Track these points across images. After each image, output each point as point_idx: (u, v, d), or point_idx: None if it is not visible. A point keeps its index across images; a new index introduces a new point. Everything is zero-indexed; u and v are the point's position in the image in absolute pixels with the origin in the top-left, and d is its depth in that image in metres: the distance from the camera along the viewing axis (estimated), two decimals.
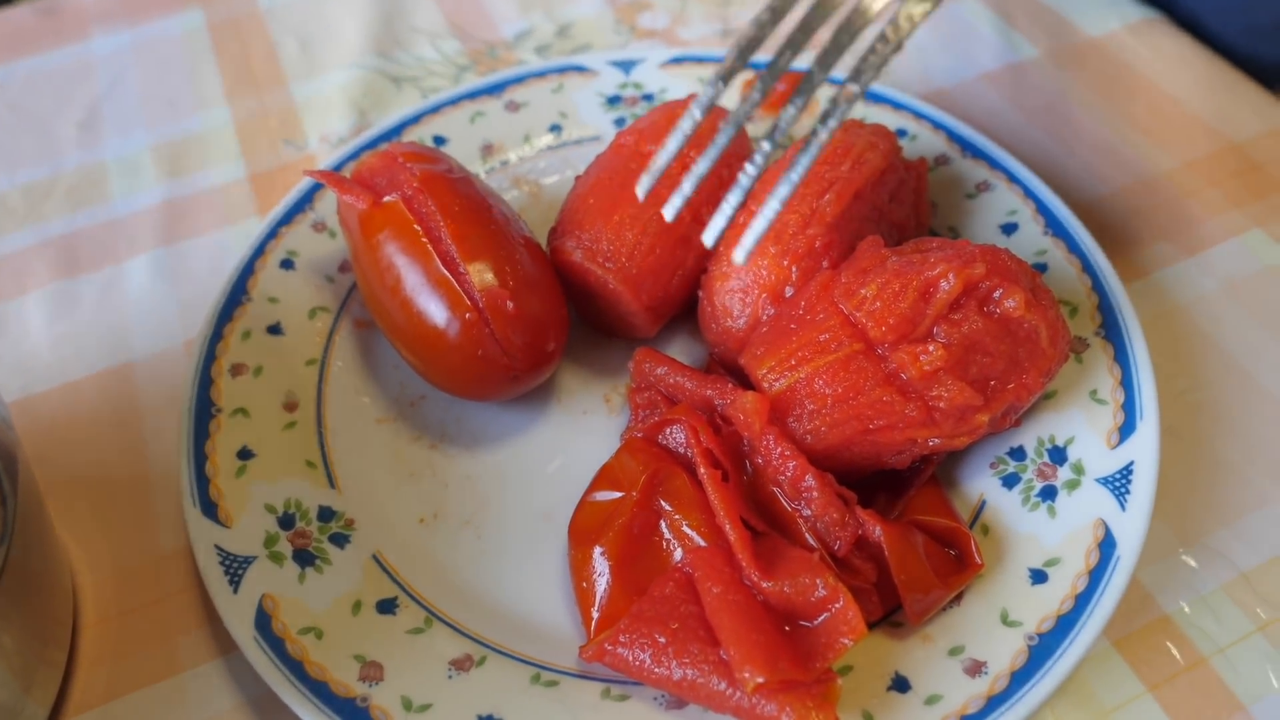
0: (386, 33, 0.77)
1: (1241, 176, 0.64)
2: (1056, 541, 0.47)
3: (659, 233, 0.52)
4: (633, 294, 0.52)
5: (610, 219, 0.53)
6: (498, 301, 0.49)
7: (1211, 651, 0.47)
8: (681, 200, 0.42)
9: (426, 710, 0.43)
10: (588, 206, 0.54)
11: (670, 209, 0.42)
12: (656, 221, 0.53)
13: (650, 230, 0.52)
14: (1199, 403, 0.54)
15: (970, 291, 0.47)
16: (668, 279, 0.53)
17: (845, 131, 0.55)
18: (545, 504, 0.52)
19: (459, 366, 0.50)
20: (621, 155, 0.56)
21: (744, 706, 0.41)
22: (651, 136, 0.56)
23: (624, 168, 0.55)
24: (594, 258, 0.52)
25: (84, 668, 0.48)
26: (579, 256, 0.53)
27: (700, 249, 0.54)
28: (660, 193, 0.52)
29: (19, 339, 0.60)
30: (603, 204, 0.53)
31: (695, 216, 0.53)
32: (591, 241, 0.52)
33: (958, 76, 0.72)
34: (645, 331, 0.55)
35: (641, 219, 0.52)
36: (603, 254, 0.52)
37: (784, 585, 0.43)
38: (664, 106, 0.59)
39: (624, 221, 0.52)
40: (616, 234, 0.52)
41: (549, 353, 0.52)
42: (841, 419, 0.46)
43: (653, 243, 0.52)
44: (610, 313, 0.55)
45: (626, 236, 0.52)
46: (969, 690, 0.43)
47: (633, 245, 0.52)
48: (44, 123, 0.73)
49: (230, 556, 0.47)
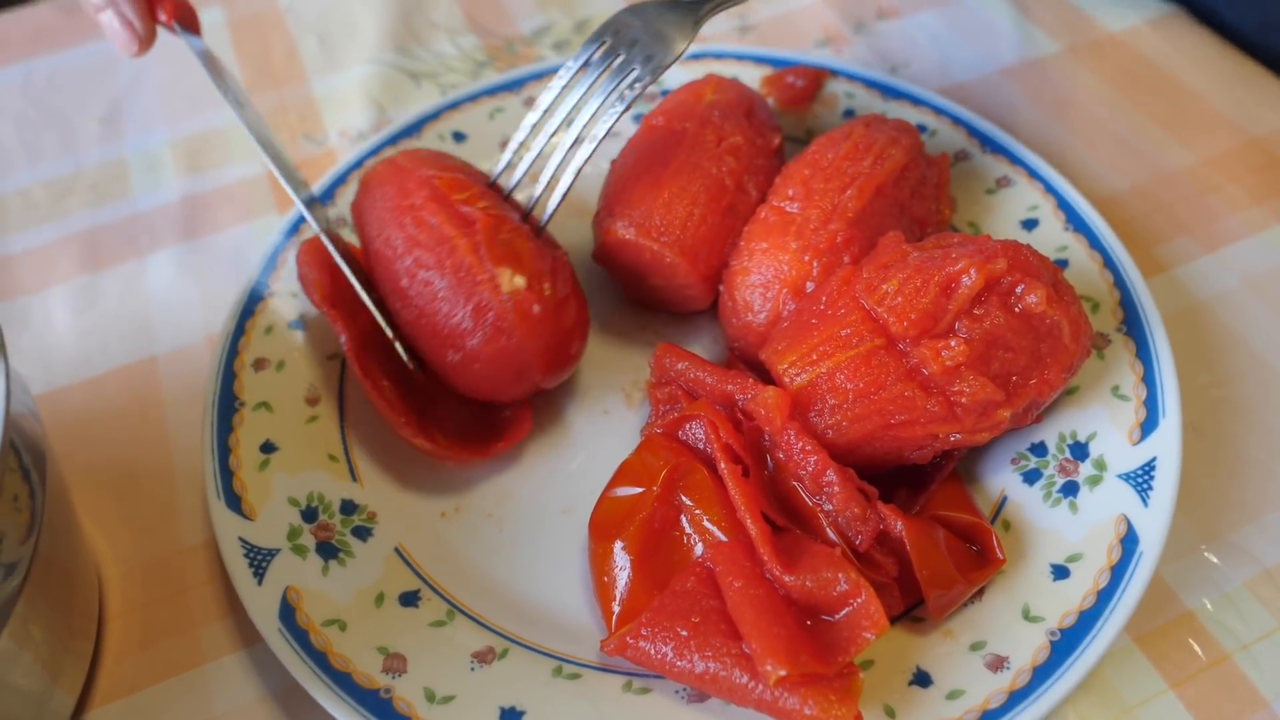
0: (405, 29, 0.78)
1: (1263, 172, 0.64)
2: (1078, 537, 0.47)
3: (708, 204, 0.54)
4: (690, 265, 0.53)
5: (659, 195, 0.54)
6: (525, 306, 0.49)
7: (1235, 648, 0.46)
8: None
9: (449, 702, 0.44)
10: (633, 186, 0.55)
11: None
12: (705, 193, 0.54)
13: (700, 202, 0.54)
14: (1221, 399, 0.54)
15: (992, 287, 0.46)
16: (721, 248, 0.54)
17: (868, 126, 0.55)
18: (566, 499, 0.52)
19: (480, 372, 0.50)
20: (656, 135, 0.57)
21: (766, 700, 0.41)
22: (681, 115, 0.57)
23: (662, 146, 0.56)
24: (648, 234, 0.53)
25: (110, 658, 0.48)
26: (632, 234, 0.54)
27: (747, 217, 0.55)
28: (701, 165, 0.54)
29: (43, 332, 0.61)
30: (648, 182, 0.55)
31: (739, 185, 0.55)
32: (644, 219, 0.54)
33: (977, 71, 0.72)
34: (701, 303, 0.56)
35: (689, 192, 0.54)
36: (656, 229, 0.53)
37: (806, 580, 0.43)
38: (687, 86, 0.60)
39: (673, 197, 0.54)
40: (667, 209, 0.53)
41: (570, 355, 0.52)
42: (863, 414, 0.46)
43: (704, 213, 0.54)
44: (666, 288, 0.56)
45: (678, 210, 0.53)
46: (991, 685, 0.43)
47: (685, 218, 0.53)
48: (66, 119, 0.73)
49: (254, 549, 0.47)
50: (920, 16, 0.76)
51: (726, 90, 0.59)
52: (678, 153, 0.55)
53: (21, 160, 0.71)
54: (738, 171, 0.55)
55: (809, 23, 0.77)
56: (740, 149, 0.56)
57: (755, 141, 0.56)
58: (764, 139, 0.57)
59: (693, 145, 0.55)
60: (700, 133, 0.56)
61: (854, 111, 0.65)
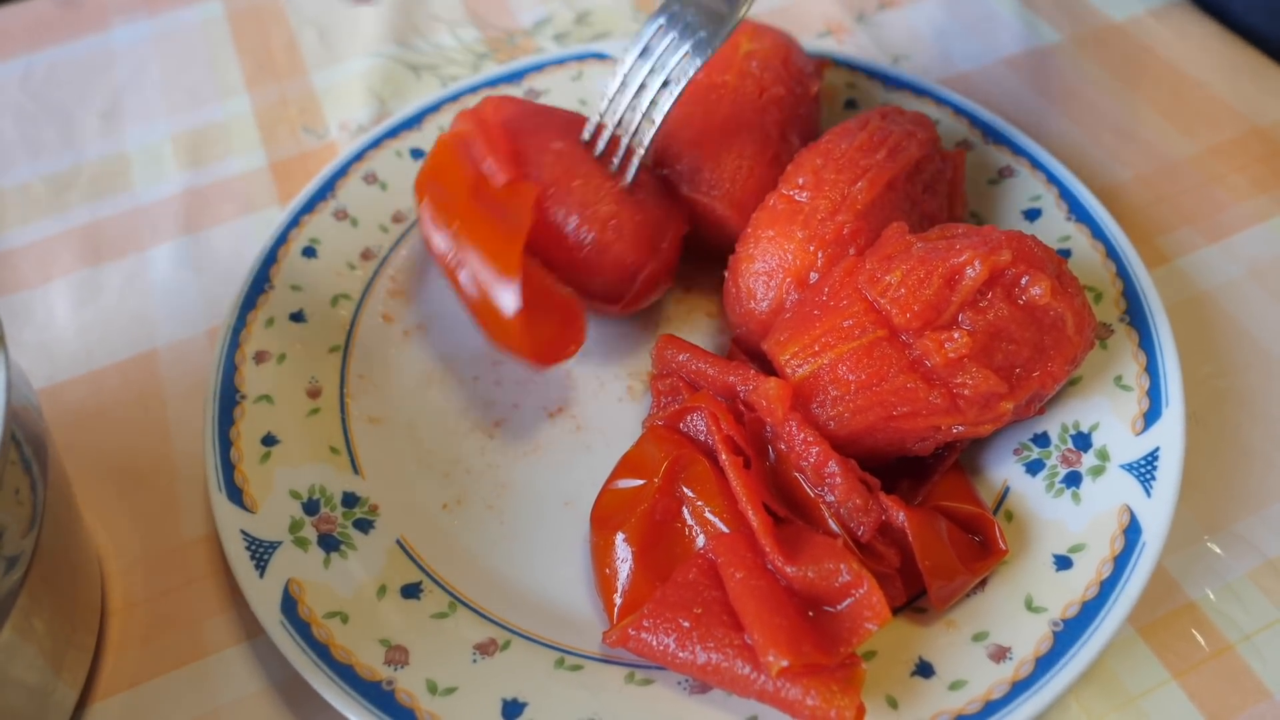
0: (405, 21, 0.78)
1: (1267, 161, 0.64)
2: (1081, 527, 0.46)
3: (755, 156, 0.55)
4: (740, 218, 0.54)
5: (706, 149, 0.55)
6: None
7: (1238, 638, 0.46)
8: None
9: (452, 694, 0.44)
10: (680, 142, 0.56)
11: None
12: (751, 146, 0.55)
13: (747, 154, 0.55)
14: (1224, 389, 0.54)
15: (996, 278, 0.46)
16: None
17: (883, 118, 0.55)
18: (567, 492, 0.52)
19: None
20: (697, 89, 0.57)
21: (768, 690, 0.41)
22: (720, 67, 0.58)
23: (704, 100, 0.57)
24: (699, 188, 0.55)
25: (112, 651, 0.48)
26: (684, 190, 0.55)
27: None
28: (745, 117, 0.55)
29: (45, 327, 0.61)
30: (694, 137, 0.55)
31: (783, 136, 0.56)
32: (693, 174, 0.55)
33: (980, 61, 0.71)
34: None
35: (735, 146, 0.55)
36: (706, 184, 0.55)
37: (808, 570, 0.43)
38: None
39: (719, 150, 0.55)
40: (715, 162, 0.55)
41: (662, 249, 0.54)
42: (865, 405, 0.46)
43: (751, 165, 0.55)
44: (717, 238, 0.57)
45: (726, 164, 0.55)
46: (993, 676, 0.43)
47: (733, 171, 0.55)
48: (66, 113, 0.73)
49: (256, 541, 0.47)
50: (922, 6, 0.76)
51: (763, 38, 0.59)
52: (720, 107, 0.56)
53: (22, 155, 0.71)
54: (781, 122, 0.56)
55: (811, 13, 0.76)
56: (782, 99, 0.57)
57: (795, 91, 0.57)
58: (803, 87, 0.58)
59: (734, 98, 0.56)
60: (741, 85, 0.57)
61: (855, 102, 0.65)
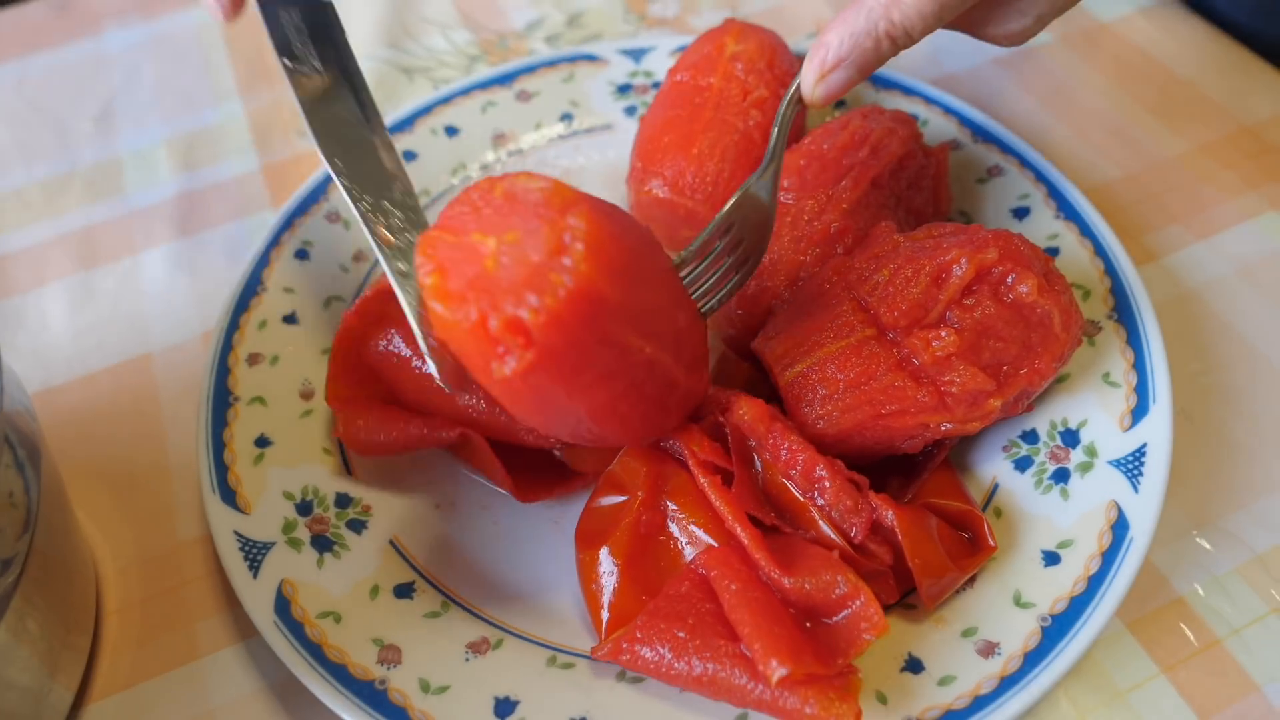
0: (397, 24, 0.78)
1: (1255, 159, 0.64)
2: (1069, 524, 0.47)
3: (737, 159, 0.55)
4: None
5: (689, 152, 0.55)
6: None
7: (1226, 633, 0.47)
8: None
9: (444, 692, 0.44)
10: (663, 144, 0.56)
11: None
12: (734, 149, 0.55)
13: (729, 158, 0.55)
14: (1212, 385, 0.54)
15: (983, 277, 0.46)
16: None
17: (864, 118, 0.55)
18: (551, 511, 0.51)
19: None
20: (683, 91, 0.58)
21: (766, 700, 0.41)
22: (705, 69, 0.58)
23: (689, 103, 0.57)
24: (681, 192, 0.55)
25: (107, 653, 0.48)
26: (666, 193, 0.55)
27: None
28: (728, 120, 0.55)
29: (39, 331, 0.61)
30: (677, 140, 0.56)
31: (765, 138, 0.56)
32: (676, 177, 0.55)
33: (969, 61, 0.72)
34: None
35: (719, 148, 0.55)
36: (689, 187, 0.55)
37: (805, 582, 0.43)
38: (707, 36, 0.60)
39: (703, 153, 0.55)
40: (699, 166, 0.55)
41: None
42: (854, 404, 0.46)
43: (733, 169, 0.55)
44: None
45: (709, 167, 0.55)
46: (982, 671, 0.43)
47: (715, 174, 0.55)
48: (60, 118, 0.73)
49: (249, 542, 0.48)
50: None
51: (747, 39, 0.59)
52: (704, 110, 0.56)
53: (16, 160, 0.71)
54: (764, 125, 0.56)
55: (800, 13, 0.77)
56: (765, 102, 0.57)
57: (779, 93, 0.57)
58: (786, 89, 0.58)
59: (718, 102, 0.56)
60: (725, 88, 0.57)
61: (844, 101, 0.65)
